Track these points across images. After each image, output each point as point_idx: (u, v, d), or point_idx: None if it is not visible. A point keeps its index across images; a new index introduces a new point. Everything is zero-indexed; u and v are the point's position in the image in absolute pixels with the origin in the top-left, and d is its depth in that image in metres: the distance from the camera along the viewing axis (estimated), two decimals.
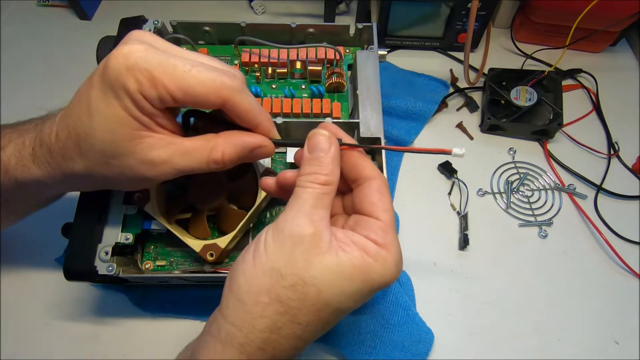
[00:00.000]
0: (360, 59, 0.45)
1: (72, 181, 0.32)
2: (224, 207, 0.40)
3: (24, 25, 0.67)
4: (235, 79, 0.29)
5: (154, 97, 0.27)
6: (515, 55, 0.64)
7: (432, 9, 0.58)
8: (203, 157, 0.30)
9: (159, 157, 0.29)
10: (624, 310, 0.47)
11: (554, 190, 0.54)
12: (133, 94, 0.27)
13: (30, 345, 0.45)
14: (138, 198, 0.38)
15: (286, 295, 0.25)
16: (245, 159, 0.32)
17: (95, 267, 0.36)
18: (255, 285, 0.26)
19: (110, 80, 0.27)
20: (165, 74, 0.27)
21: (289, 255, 0.26)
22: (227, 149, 0.30)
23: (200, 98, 0.28)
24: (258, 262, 0.26)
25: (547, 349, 0.46)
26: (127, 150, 0.29)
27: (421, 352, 0.44)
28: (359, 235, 0.27)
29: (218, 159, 0.30)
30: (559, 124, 0.54)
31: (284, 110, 0.46)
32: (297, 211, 0.27)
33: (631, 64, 0.64)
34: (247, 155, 0.31)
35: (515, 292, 0.48)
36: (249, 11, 0.68)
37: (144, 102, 0.27)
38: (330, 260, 0.26)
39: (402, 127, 0.56)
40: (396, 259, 0.27)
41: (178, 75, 0.27)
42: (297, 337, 0.26)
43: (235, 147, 0.31)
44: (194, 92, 0.28)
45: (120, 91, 0.27)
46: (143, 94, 0.27)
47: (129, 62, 0.26)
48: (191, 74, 0.27)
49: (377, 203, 0.28)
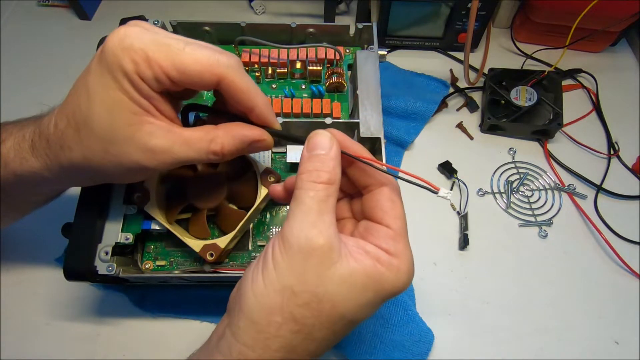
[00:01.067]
0: (360, 59, 0.45)
1: (70, 174, 0.32)
2: (224, 207, 0.40)
3: (24, 25, 0.67)
4: (231, 57, 0.29)
5: (150, 78, 0.27)
6: (515, 55, 0.64)
7: (432, 9, 0.58)
8: (203, 148, 0.30)
9: (158, 146, 0.29)
10: (624, 310, 0.47)
11: (554, 190, 0.54)
12: (130, 74, 0.27)
13: (31, 345, 0.45)
14: (138, 198, 0.38)
15: (300, 314, 0.25)
16: (245, 151, 0.32)
17: (95, 267, 0.36)
18: (267, 305, 0.25)
19: (108, 62, 0.27)
20: (159, 53, 0.27)
21: (300, 271, 0.25)
22: (227, 141, 0.30)
23: (195, 76, 0.28)
24: (268, 281, 0.26)
25: (547, 349, 0.46)
26: (126, 136, 0.28)
27: (421, 352, 0.44)
28: (371, 245, 0.27)
29: (217, 150, 0.30)
30: (559, 124, 0.54)
31: (284, 110, 0.46)
32: (302, 220, 0.26)
33: (631, 64, 0.64)
34: (246, 148, 0.31)
35: (515, 292, 0.48)
36: (249, 11, 0.68)
37: (142, 84, 0.28)
38: (342, 271, 0.25)
39: (402, 127, 0.56)
40: (408, 267, 0.27)
41: (172, 53, 0.27)
42: (311, 352, 0.26)
43: (234, 139, 0.30)
44: (188, 70, 0.28)
45: (118, 73, 0.27)
46: (140, 74, 0.27)
47: (124, 43, 0.27)
48: (185, 51, 0.28)
49: (388, 211, 0.28)
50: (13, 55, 0.64)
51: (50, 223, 0.41)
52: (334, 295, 0.25)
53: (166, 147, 0.29)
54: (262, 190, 0.39)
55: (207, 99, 0.48)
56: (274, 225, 0.43)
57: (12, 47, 0.65)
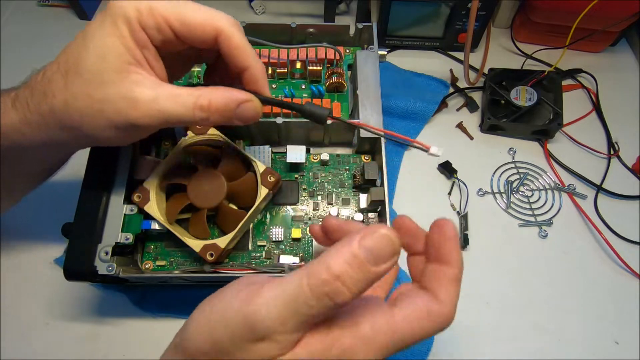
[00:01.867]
0: (360, 59, 0.45)
1: (49, 128, 0.31)
2: (224, 207, 0.40)
3: (24, 25, 0.67)
4: (230, 17, 0.31)
5: (152, 26, 0.29)
6: (515, 55, 0.64)
7: (432, 9, 0.58)
8: (189, 102, 0.30)
9: (143, 94, 0.29)
10: (624, 310, 0.47)
11: (554, 190, 0.54)
12: (131, 21, 0.28)
13: (30, 345, 0.45)
14: (138, 198, 0.38)
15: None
16: (231, 114, 0.31)
17: (95, 267, 0.36)
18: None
19: (111, 10, 0.28)
20: (163, 4, 0.29)
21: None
22: (214, 98, 0.30)
23: (197, 27, 0.29)
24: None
25: (547, 349, 0.46)
26: (112, 81, 0.28)
27: (421, 352, 0.44)
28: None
29: (204, 105, 0.30)
30: (559, 124, 0.54)
31: (284, 110, 0.46)
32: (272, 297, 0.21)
33: (631, 64, 0.64)
34: (233, 109, 0.31)
35: (515, 292, 0.48)
36: (249, 11, 0.68)
37: (140, 32, 0.29)
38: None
39: (402, 127, 0.56)
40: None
41: (176, 5, 0.29)
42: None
43: (222, 97, 0.30)
44: (190, 21, 0.29)
45: (119, 19, 0.28)
46: (141, 23, 0.28)
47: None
48: (188, 4, 0.29)
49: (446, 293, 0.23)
50: (13, 55, 0.64)
51: (50, 223, 0.41)
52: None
53: (151, 97, 0.29)
54: (262, 190, 0.39)
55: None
56: (274, 225, 0.43)
57: (12, 47, 0.65)
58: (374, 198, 0.40)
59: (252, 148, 0.43)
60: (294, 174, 0.45)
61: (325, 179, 0.45)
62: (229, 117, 0.31)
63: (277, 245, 0.42)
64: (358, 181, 0.44)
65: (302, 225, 0.43)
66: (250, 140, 0.45)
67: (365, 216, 0.42)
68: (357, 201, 0.44)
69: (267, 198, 0.41)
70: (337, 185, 0.45)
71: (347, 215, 0.43)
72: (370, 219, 0.42)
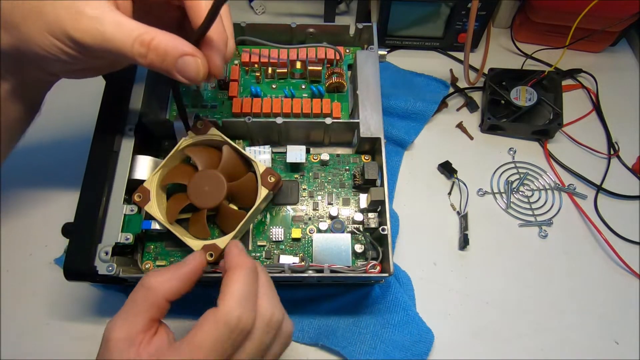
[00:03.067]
0: (360, 59, 0.45)
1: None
2: (224, 207, 0.40)
3: None
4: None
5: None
6: (515, 55, 0.64)
7: (432, 9, 0.58)
8: (133, 33, 0.28)
9: (88, 10, 0.28)
10: (624, 310, 0.47)
11: (554, 190, 0.54)
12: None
13: (30, 345, 0.45)
14: (138, 198, 0.38)
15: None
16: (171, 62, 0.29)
17: (95, 267, 0.36)
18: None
19: None
20: None
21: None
22: (159, 38, 0.29)
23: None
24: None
25: (547, 349, 0.46)
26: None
27: (421, 352, 0.44)
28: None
29: (146, 41, 0.28)
30: (559, 124, 0.54)
31: (284, 110, 0.46)
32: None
33: (631, 64, 0.64)
34: (174, 56, 0.29)
35: (515, 292, 0.48)
36: (249, 11, 0.68)
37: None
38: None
39: (402, 127, 0.56)
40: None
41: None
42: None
43: (167, 41, 0.29)
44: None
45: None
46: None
47: None
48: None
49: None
50: None
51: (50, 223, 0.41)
52: None
53: (95, 15, 0.28)
54: (262, 191, 0.39)
55: (207, 99, 0.48)
56: (274, 225, 0.43)
57: None
58: (374, 198, 0.40)
59: (252, 148, 0.43)
60: (294, 174, 0.45)
61: (325, 179, 0.45)
62: (168, 66, 0.30)
63: (277, 245, 0.42)
64: (358, 181, 0.44)
65: (302, 225, 0.43)
66: (250, 140, 0.45)
67: (365, 216, 0.42)
68: (357, 201, 0.44)
69: (267, 198, 0.41)
70: (337, 185, 0.45)
71: (347, 215, 0.43)
72: (370, 219, 0.42)
